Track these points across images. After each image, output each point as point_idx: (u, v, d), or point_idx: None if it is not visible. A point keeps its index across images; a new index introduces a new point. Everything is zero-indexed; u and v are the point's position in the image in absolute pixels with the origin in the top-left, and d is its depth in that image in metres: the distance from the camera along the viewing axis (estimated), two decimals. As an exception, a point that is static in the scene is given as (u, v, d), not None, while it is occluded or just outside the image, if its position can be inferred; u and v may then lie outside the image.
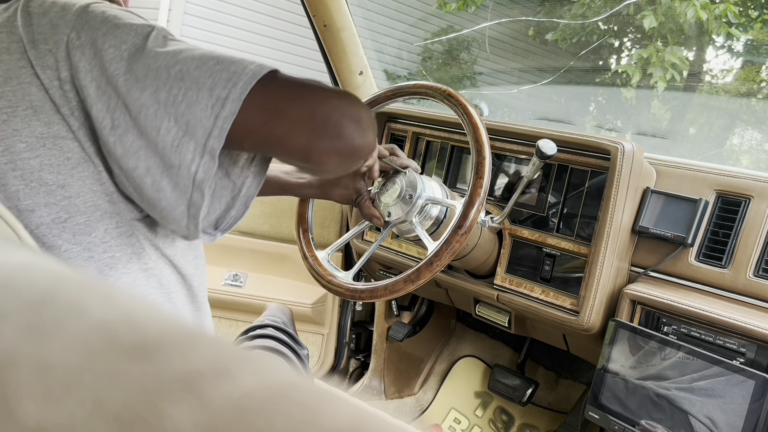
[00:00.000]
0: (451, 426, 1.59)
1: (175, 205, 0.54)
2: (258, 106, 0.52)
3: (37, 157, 0.51)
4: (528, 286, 1.10)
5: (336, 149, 0.54)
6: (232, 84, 0.51)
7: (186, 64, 0.51)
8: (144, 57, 0.51)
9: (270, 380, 0.13)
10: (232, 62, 0.53)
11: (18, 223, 0.29)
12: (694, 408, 0.87)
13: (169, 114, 0.51)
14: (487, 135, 0.88)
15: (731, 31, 4.05)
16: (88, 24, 0.52)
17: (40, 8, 0.53)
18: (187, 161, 0.52)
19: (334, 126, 0.53)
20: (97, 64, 0.51)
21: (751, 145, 4.34)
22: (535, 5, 5.19)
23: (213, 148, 0.52)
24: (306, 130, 0.53)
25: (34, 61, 0.51)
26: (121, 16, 0.54)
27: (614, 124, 4.79)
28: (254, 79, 0.52)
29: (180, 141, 0.51)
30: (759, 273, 0.95)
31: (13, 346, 0.13)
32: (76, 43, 0.51)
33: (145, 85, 0.51)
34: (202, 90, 0.51)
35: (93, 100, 0.51)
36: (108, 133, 0.51)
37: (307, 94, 0.54)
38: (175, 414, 0.12)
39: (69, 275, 0.16)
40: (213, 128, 0.51)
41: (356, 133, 0.54)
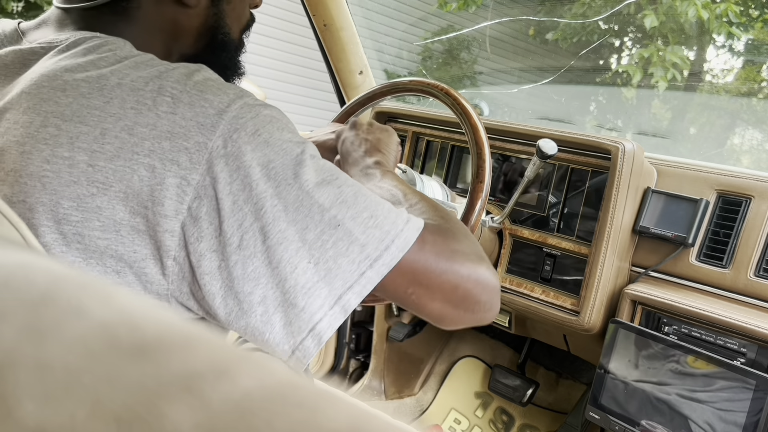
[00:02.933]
0: (452, 426, 1.59)
1: (281, 342, 0.52)
2: (404, 273, 0.52)
3: (107, 240, 0.48)
4: (528, 286, 1.10)
5: (467, 320, 0.57)
6: (384, 246, 0.51)
7: (341, 210, 0.50)
8: (296, 187, 0.49)
9: (269, 381, 0.13)
10: (386, 218, 0.52)
11: (22, 224, 0.28)
12: (694, 409, 0.87)
13: (311, 256, 0.49)
14: (486, 136, 0.88)
15: (732, 30, 4.05)
16: (237, 133, 0.48)
17: (188, 97, 0.49)
18: (315, 306, 0.50)
19: (473, 303, 0.56)
20: (240, 179, 0.48)
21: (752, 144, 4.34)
22: (536, 5, 5.18)
23: (348, 304, 0.51)
24: (445, 301, 0.55)
25: (159, 153, 0.47)
26: (272, 127, 0.50)
27: (615, 123, 4.79)
28: (407, 246, 0.52)
29: (314, 285, 0.49)
30: (760, 273, 0.95)
31: (12, 346, 0.13)
32: (221, 152, 0.48)
33: (294, 219, 0.48)
34: (354, 243, 0.50)
35: (226, 214, 0.48)
36: (232, 250, 0.48)
37: (454, 266, 0.54)
38: (175, 414, 0.12)
39: (69, 275, 0.16)
40: (355, 284, 0.50)
41: (489, 310, 0.57)
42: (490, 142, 0.95)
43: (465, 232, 0.60)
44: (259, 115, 0.50)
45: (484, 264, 0.57)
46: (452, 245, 0.55)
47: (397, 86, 0.99)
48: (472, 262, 0.55)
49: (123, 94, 0.49)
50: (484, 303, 0.56)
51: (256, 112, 0.50)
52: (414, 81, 0.98)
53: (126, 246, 0.49)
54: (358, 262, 0.50)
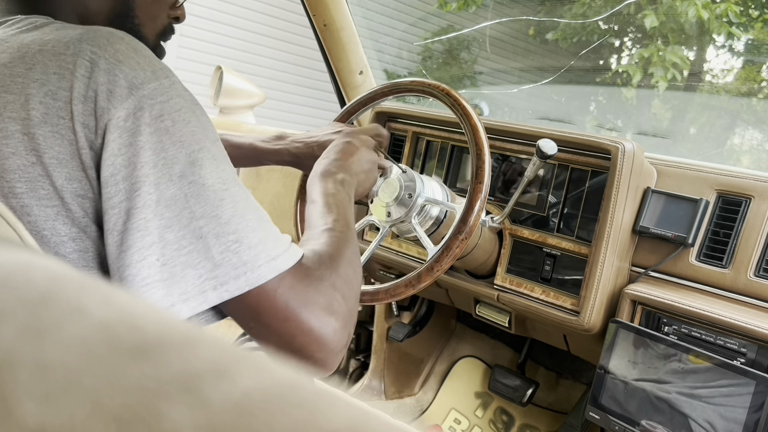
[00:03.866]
0: (452, 426, 1.59)
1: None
2: (248, 306, 0.52)
3: (54, 207, 0.49)
4: (528, 286, 1.10)
5: (295, 363, 0.55)
6: (235, 275, 0.50)
7: (209, 224, 0.49)
8: (176, 186, 0.48)
9: (269, 381, 0.13)
10: (250, 248, 0.50)
11: (19, 223, 0.29)
12: (694, 409, 0.87)
13: (163, 255, 0.48)
14: (486, 137, 0.88)
15: (732, 30, 4.05)
16: (141, 111, 0.48)
17: (105, 63, 0.49)
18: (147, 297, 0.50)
19: (304, 355, 0.54)
20: (126, 155, 0.48)
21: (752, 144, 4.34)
22: (536, 5, 5.18)
23: (179, 312, 0.50)
24: (279, 343, 0.54)
25: (75, 116, 0.48)
26: (179, 116, 0.50)
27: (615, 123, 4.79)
28: (258, 282, 0.51)
29: (153, 283, 0.49)
30: (760, 273, 0.95)
31: (11, 346, 0.13)
32: (120, 124, 0.48)
33: (162, 215, 0.48)
34: (207, 260, 0.49)
35: (103, 181, 0.48)
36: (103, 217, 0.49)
37: (300, 318, 0.53)
38: (175, 414, 0.12)
39: (68, 275, 0.16)
40: (191, 299, 0.49)
41: (320, 366, 0.56)
42: (490, 142, 0.95)
43: (345, 281, 0.58)
44: (170, 100, 0.50)
45: (334, 322, 0.55)
46: (309, 295, 0.54)
47: (397, 86, 0.99)
48: (319, 319, 0.54)
49: (45, 60, 0.49)
50: (317, 360, 0.55)
51: (168, 97, 0.50)
52: (414, 81, 0.98)
53: (74, 211, 0.49)
54: (204, 279, 0.49)
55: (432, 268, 0.85)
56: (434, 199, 0.96)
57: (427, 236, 0.96)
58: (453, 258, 0.85)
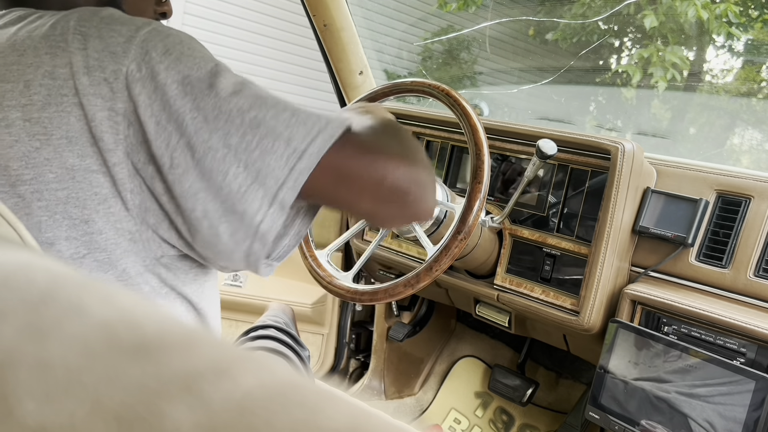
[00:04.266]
0: (451, 426, 1.59)
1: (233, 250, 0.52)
2: (332, 167, 0.52)
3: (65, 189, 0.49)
4: (528, 286, 1.10)
5: (399, 216, 0.56)
6: (311, 138, 0.50)
7: (261, 111, 0.50)
8: (213, 96, 0.49)
9: (270, 380, 0.13)
10: (309, 116, 0.51)
11: (19, 223, 0.29)
12: (694, 408, 0.87)
13: (239, 160, 0.49)
14: (486, 137, 0.88)
15: (732, 30, 4.05)
16: (148, 55, 0.49)
17: (96, 31, 0.49)
18: (253, 209, 0.50)
19: (402, 195, 0.54)
20: (159, 99, 0.48)
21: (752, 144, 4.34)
22: (536, 5, 5.18)
23: (284, 200, 0.50)
24: (374, 196, 0.54)
25: (81, 90, 0.48)
26: (183, 46, 0.50)
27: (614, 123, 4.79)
28: (332, 139, 0.51)
29: (248, 188, 0.49)
30: (759, 273, 0.95)
31: (12, 345, 0.13)
32: (137, 76, 0.48)
33: (216, 127, 0.48)
34: (278, 140, 0.49)
35: (152, 136, 0.48)
36: (167, 171, 0.49)
37: (379, 160, 0.53)
38: (175, 414, 0.12)
39: (69, 275, 0.16)
40: (287, 179, 0.50)
41: (420, 203, 0.56)
42: (490, 143, 0.95)
43: (407, 139, 0.59)
44: (169, 36, 0.51)
45: (410, 159, 0.56)
46: (381, 141, 0.55)
47: (398, 87, 1.00)
48: (399, 157, 0.54)
49: (34, 43, 0.49)
50: (415, 196, 0.55)
51: (165, 35, 0.51)
52: (415, 82, 0.98)
53: (85, 190, 0.49)
54: (286, 157, 0.50)
55: (431, 268, 0.85)
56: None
57: (427, 236, 0.96)
58: (452, 258, 0.85)
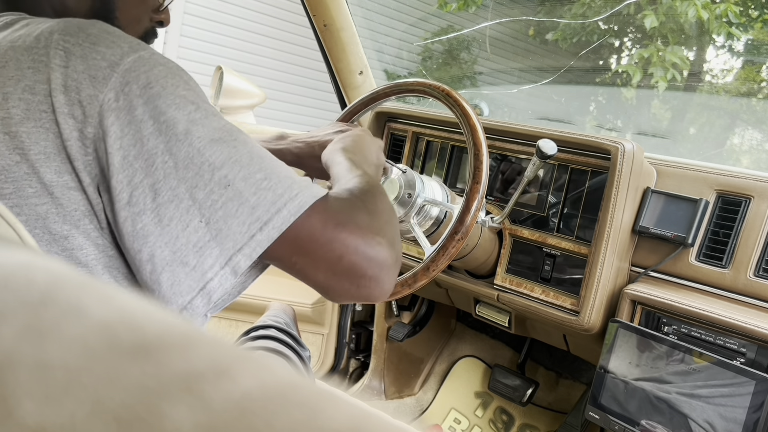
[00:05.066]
0: (451, 426, 1.59)
1: (170, 300, 0.51)
2: (291, 239, 0.51)
3: (44, 205, 0.48)
4: (528, 286, 1.10)
5: (351, 293, 0.55)
6: (276, 209, 0.50)
7: (233, 170, 0.49)
8: (187, 144, 0.48)
9: (270, 380, 0.13)
10: (281, 180, 0.51)
11: (18, 223, 0.28)
12: (693, 408, 0.87)
13: (202, 215, 0.48)
14: (485, 138, 0.88)
15: (732, 30, 4.05)
16: (129, 86, 0.47)
17: (80, 50, 0.48)
18: (206, 266, 0.49)
19: (357, 274, 0.54)
20: (131, 134, 0.47)
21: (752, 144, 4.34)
22: (536, 5, 5.19)
23: (238, 265, 0.50)
24: (329, 271, 0.53)
25: (57, 108, 0.47)
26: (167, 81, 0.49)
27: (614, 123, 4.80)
28: (300, 210, 0.51)
29: (206, 244, 0.49)
30: (759, 273, 0.95)
31: (12, 346, 0.13)
32: (113, 105, 0.47)
33: (185, 177, 0.47)
34: (244, 205, 0.49)
35: (115, 169, 0.47)
36: (121, 207, 0.48)
37: (342, 235, 0.53)
38: (175, 414, 0.12)
39: (69, 275, 0.16)
40: (245, 246, 0.49)
41: (375, 285, 0.55)
42: (490, 143, 0.95)
43: (381, 212, 0.59)
44: (153, 68, 0.49)
45: (378, 239, 0.55)
46: (348, 215, 0.54)
47: (399, 87, 1.00)
48: (363, 236, 0.54)
49: (17, 55, 0.48)
50: (371, 278, 0.54)
51: (151, 66, 0.49)
52: (416, 82, 0.98)
53: (64, 206, 0.49)
54: (248, 224, 0.49)
55: (428, 268, 0.85)
56: (433, 200, 0.96)
57: (427, 236, 0.96)
58: (449, 258, 0.85)
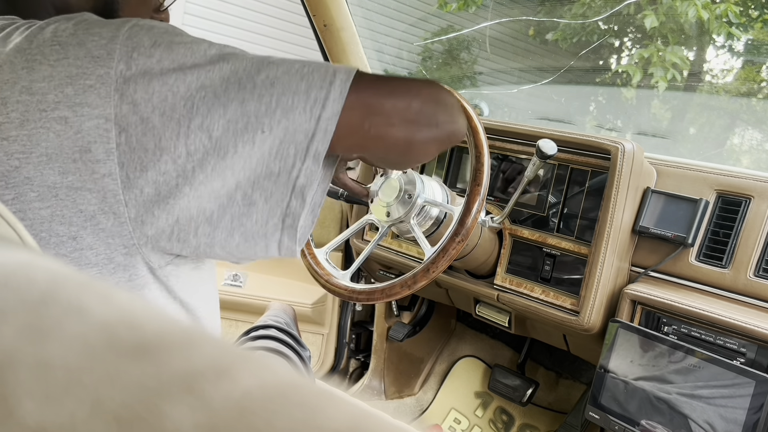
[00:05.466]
0: (451, 426, 1.59)
1: (268, 217, 0.50)
2: (356, 106, 0.51)
3: (48, 208, 0.47)
4: (528, 286, 1.10)
5: (434, 137, 0.56)
6: (328, 83, 0.49)
7: (271, 70, 0.49)
8: (216, 71, 0.47)
9: (270, 380, 0.13)
10: (318, 65, 0.50)
11: (18, 223, 0.28)
12: (693, 408, 0.87)
13: (262, 124, 0.48)
14: (486, 139, 0.88)
15: (732, 30, 4.05)
16: (136, 51, 0.46)
17: (74, 38, 0.47)
18: (288, 167, 0.49)
19: (430, 116, 0.55)
20: (158, 91, 0.46)
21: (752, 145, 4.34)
22: (536, 5, 5.19)
23: (318, 152, 0.49)
24: (405, 122, 0.53)
25: (65, 101, 0.45)
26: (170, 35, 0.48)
27: (614, 123, 4.80)
28: (349, 78, 0.50)
29: (278, 148, 0.48)
30: (759, 273, 0.95)
31: (12, 345, 0.13)
32: (127, 75, 0.46)
33: (228, 99, 0.47)
34: (297, 94, 0.48)
35: (158, 131, 0.46)
36: (183, 161, 0.47)
37: (399, 88, 0.54)
38: (175, 414, 0.12)
39: (69, 275, 0.16)
40: (316, 131, 0.49)
41: (450, 119, 0.57)
42: (490, 143, 0.95)
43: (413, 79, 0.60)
44: (152, 28, 0.48)
45: (428, 84, 0.56)
46: (388, 77, 0.55)
47: None
48: (412, 82, 0.55)
49: (10, 58, 0.47)
50: (443, 115, 0.56)
51: (149, 27, 0.48)
52: None
53: (69, 208, 0.47)
54: (309, 108, 0.49)
55: (428, 270, 0.85)
56: (433, 201, 0.96)
57: (427, 236, 0.96)
58: (449, 259, 0.85)
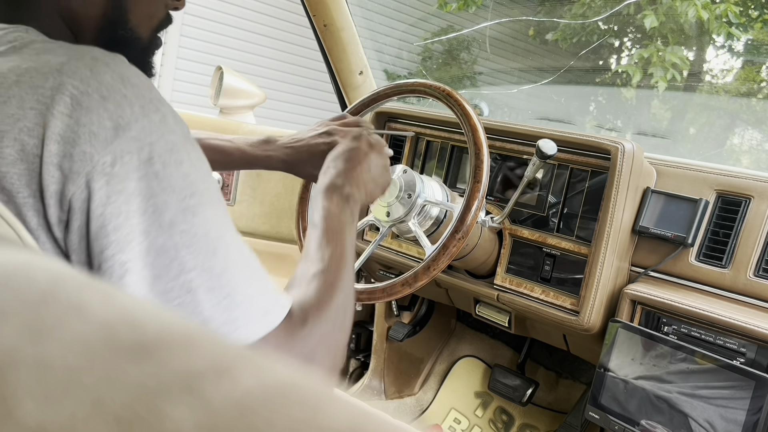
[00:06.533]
0: (451, 426, 1.59)
1: None
2: None
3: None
4: (528, 286, 1.10)
5: None
6: (224, 333, 0.48)
7: (200, 278, 0.47)
8: (166, 235, 0.45)
9: (270, 380, 0.13)
10: (240, 303, 0.48)
11: (18, 223, 0.28)
12: (693, 408, 0.87)
13: None
14: (485, 137, 0.88)
15: (732, 30, 4.05)
16: (130, 156, 0.44)
17: (87, 100, 0.45)
18: None
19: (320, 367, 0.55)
20: (116, 205, 0.44)
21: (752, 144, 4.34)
22: (536, 5, 5.19)
23: None
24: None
25: (46, 157, 0.44)
26: (170, 157, 0.46)
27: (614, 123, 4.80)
28: (246, 342, 0.49)
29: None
30: (759, 273, 0.95)
31: (12, 345, 0.13)
32: (107, 170, 0.44)
33: (152, 264, 0.45)
34: (196, 314, 0.47)
35: (92, 236, 0.44)
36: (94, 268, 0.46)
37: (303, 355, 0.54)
38: (175, 414, 0.12)
39: (69, 275, 0.16)
40: None
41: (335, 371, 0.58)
42: (490, 142, 0.95)
43: (333, 326, 0.58)
44: (160, 139, 0.46)
45: (334, 354, 0.56)
46: (293, 349, 0.53)
47: (400, 88, 1.00)
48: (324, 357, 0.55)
49: (21, 93, 0.45)
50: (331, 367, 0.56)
51: (158, 136, 0.46)
52: (416, 83, 0.98)
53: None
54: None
55: (429, 268, 0.85)
56: (433, 200, 0.96)
57: (427, 236, 0.96)
58: (450, 257, 0.85)
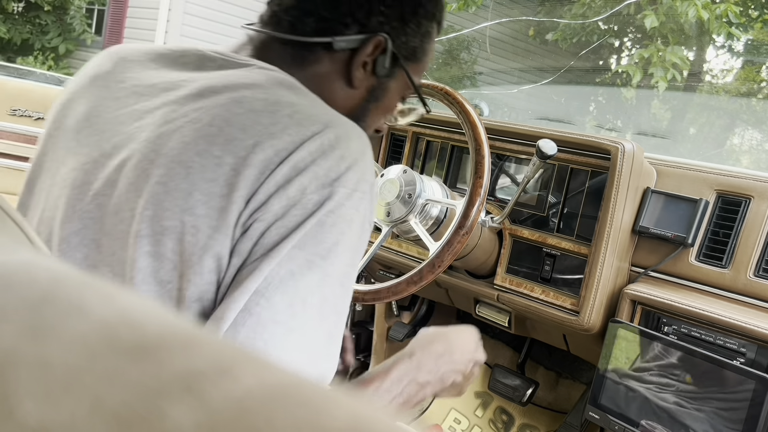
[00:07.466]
0: (451, 426, 1.59)
1: None
2: None
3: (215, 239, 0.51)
4: (528, 286, 1.10)
5: None
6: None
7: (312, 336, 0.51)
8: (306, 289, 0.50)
9: (271, 379, 0.13)
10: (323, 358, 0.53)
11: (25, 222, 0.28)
12: (694, 408, 0.87)
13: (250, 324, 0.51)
14: (485, 134, 0.89)
15: (732, 30, 4.05)
16: (326, 200, 0.50)
17: (332, 151, 0.51)
18: None
19: None
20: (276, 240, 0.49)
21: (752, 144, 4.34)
22: (536, 5, 5.19)
23: None
24: None
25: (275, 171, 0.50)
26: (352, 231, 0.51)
27: (614, 123, 4.80)
28: None
29: None
30: (759, 273, 0.95)
31: (13, 345, 0.13)
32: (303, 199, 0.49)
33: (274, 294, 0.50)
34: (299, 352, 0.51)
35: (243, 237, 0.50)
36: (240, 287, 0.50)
37: None
38: (176, 413, 0.12)
39: (70, 274, 0.16)
40: None
41: None
42: (490, 143, 0.95)
43: None
44: (349, 210, 0.51)
45: None
46: None
47: None
48: None
49: (291, 124, 0.51)
50: None
51: (351, 207, 0.51)
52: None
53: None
54: None
55: (434, 265, 0.85)
56: (434, 199, 0.96)
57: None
58: (454, 254, 0.85)
